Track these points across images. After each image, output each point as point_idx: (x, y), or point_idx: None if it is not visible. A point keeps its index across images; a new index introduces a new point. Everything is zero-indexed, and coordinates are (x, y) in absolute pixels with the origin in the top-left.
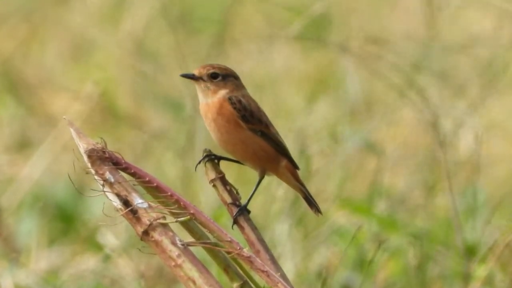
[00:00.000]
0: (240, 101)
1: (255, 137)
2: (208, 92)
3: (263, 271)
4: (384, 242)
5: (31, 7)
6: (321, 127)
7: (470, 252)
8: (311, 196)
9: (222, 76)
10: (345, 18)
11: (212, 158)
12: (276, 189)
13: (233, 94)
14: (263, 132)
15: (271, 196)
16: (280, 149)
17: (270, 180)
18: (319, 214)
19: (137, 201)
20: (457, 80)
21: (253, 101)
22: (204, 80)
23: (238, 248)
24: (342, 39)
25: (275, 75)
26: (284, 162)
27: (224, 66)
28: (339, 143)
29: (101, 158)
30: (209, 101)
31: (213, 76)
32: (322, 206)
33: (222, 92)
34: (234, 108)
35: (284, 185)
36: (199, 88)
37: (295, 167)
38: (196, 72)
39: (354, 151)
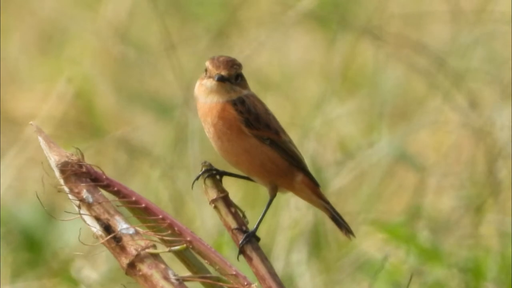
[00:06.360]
0: (243, 102)
1: (263, 146)
2: (232, 93)
3: None
4: (423, 274)
5: None
6: (347, 133)
7: None
8: (339, 215)
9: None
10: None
11: (213, 174)
12: (291, 210)
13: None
14: (272, 140)
15: (284, 219)
16: (294, 161)
17: (284, 199)
18: (351, 236)
19: (121, 226)
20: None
21: (260, 102)
22: (231, 82)
23: (245, 283)
24: (372, 25)
25: (291, 70)
26: (300, 177)
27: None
28: (369, 153)
29: (76, 173)
30: (212, 101)
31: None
32: None
33: (244, 92)
34: (236, 110)
35: (300, 205)
36: (218, 88)
37: (315, 183)
38: (224, 73)
39: (388, 163)
